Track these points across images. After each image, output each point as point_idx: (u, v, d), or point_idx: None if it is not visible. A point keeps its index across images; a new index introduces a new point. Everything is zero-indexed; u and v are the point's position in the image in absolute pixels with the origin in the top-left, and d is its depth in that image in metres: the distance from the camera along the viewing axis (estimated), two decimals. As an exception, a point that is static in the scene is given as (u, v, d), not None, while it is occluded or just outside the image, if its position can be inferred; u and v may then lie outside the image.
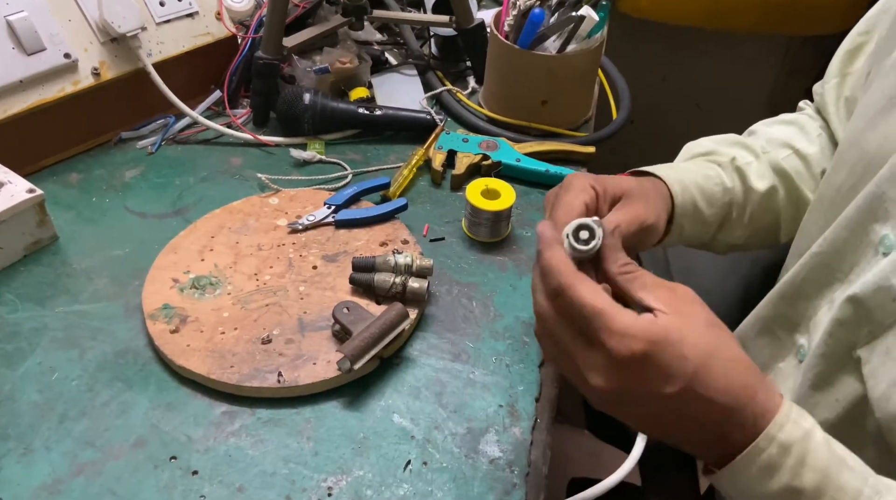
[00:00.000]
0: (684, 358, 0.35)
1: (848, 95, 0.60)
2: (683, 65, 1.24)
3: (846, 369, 0.46)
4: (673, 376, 0.35)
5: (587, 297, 0.36)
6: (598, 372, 0.36)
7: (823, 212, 0.52)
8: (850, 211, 0.46)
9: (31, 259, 0.59)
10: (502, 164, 0.70)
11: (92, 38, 0.67)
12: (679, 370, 0.35)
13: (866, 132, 0.48)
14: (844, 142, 0.52)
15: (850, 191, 0.48)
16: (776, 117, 0.67)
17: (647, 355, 0.35)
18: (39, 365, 0.51)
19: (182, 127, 0.74)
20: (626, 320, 0.36)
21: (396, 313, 0.52)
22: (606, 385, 0.36)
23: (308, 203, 0.65)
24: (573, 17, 0.67)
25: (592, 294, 0.37)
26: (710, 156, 0.60)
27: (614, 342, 0.35)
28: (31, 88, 0.63)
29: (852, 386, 0.45)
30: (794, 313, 0.53)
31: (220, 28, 0.75)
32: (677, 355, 0.35)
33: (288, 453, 0.47)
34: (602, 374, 0.36)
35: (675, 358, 0.35)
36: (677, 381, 0.35)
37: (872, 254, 0.45)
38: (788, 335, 0.54)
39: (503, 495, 0.45)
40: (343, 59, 0.78)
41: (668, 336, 0.35)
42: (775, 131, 0.64)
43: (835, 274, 0.49)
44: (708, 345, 0.36)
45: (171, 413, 0.48)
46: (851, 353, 0.45)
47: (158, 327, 0.53)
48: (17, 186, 0.58)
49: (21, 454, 0.46)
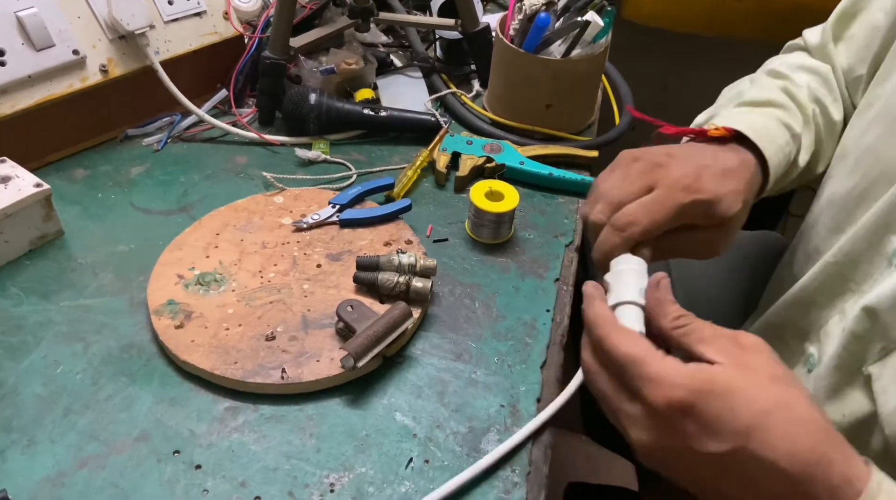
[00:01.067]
0: (734, 412, 0.31)
1: (845, 66, 0.59)
2: (685, 72, 1.25)
3: (855, 383, 0.45)
4: (720, 432, 0.31)
5: (622, 345, 0.34)
6: (638, 426, 0.34)
7: (833, 214, 0.51)
8: (867, 220, 0.46)
9: (37, 253, 0.60)
10: (506, 166, 0.71)
11: (100, 36, 0.67)
12: (728, 426, 0.31)
13: (887, 138, 0.47)
14: (859, 145, 0.51)
15: (861, 195, 0.48)
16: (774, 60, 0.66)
17: (687, 405, 0.32)
18: (44, 359, 0.51)
19: (188, 125, 0.74)
20: (664, 367, 0.33)
21: (400, 312, 0.52)
22: (648, 440, 0.33)
23: (313, 202, 0.65)
24: (578, 21, 0.68)
25: (629, 343, 0.34)
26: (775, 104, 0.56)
27: (648, 390, 0.32)
28: (39, 84, 0.64)
29: (860, 402, 0.44)
30: (805, 321, 0.52)
31: (227, 27, 0.76)
32: (726, 407, 0.31)
33: (290, 449, 0.47)
34: (642, 428, 0.33)
35: (723, 411, 0.31)
36: (725, 438, 0.31)
37: (886, 265, 0.44)
38: (798, 343, 0.53)
39: (504, 494, 0.45)
40: (349, 60, 0.79)
41: (714, 386, 0.32)
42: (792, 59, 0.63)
43: (848, 284, 0.48)
44: (768, 401, 0.32)
45: (174, 408, 0.49)
46: (861, 368, 0.44)
47: (163, 322, 0.53)
48: (24, 181, 0.58)
49: (25, 447, 0.46)
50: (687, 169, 0.47)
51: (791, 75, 0.60)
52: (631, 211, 0.46)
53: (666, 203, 0.46)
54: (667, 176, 0.47)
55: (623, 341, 0.35)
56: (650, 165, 0.48)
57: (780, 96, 0.57)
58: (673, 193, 0.46)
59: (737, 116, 0.55)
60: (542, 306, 0.59)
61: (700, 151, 0.50)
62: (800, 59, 0.64)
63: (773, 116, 0.54)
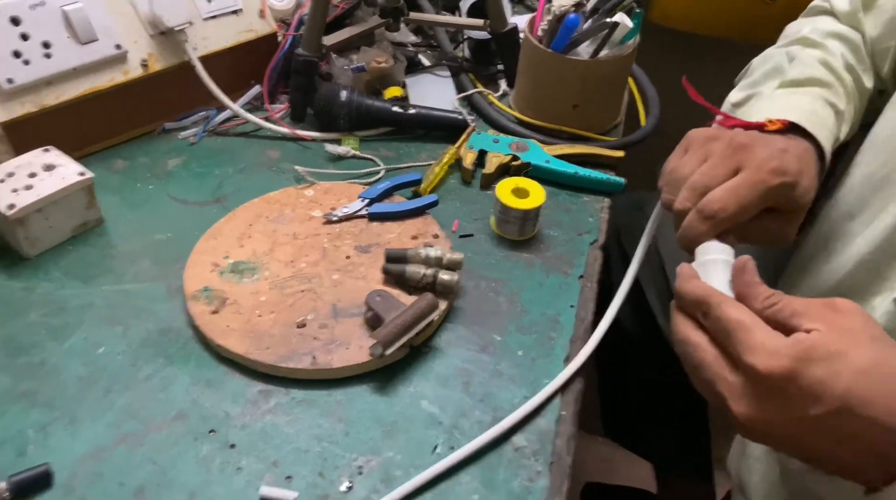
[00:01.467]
0: (836, 375, 0.32)
1: (874, 35, 0.59)
2: (710, 76, 1.25)
3: None
4: (823, 395, 0.32)
5: (733, 312, 0.35)
6: (740, 397, 0.34)
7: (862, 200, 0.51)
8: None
9: (79, 240, 0.62)
10: (532, 165, 0.72)
11: (141, 31, 0.70)
12: (830, 389, 0.32)
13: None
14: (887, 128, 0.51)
15: (883, 180, 0.48)
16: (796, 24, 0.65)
17: (790, 372, 0.32)
18: (85, 340, 0.53)
19: (223, 119, 0.76)
20: (768, 336, 0.33)
21: (427, 303, 0.54)
22: (750, 411, 0.34)
23: (342, 196, 0.67)
24: (607, 23, 0.69)
25: (740, 310, 0.35)
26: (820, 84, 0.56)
27: (752, 359, 0.33)
28: (83, 76, 0.66)
29: None
30: None
31: (262, 25, 0.78)
32: (828, 371, 0.32)
33: (320, 432, 0.48)
34: (744, 399, 0.34)
35: (825, 375, 0.32)
36: (828, 401, 0.32)
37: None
38: None
39: (528, 482, 0.46)
40: (379, 58, 0.80)
41: (814, 353, 0.32)
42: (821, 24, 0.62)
43: (885, 282, 0.47)
44: (866, 360, 0.32)
45: (210, 390, 0.50)
46: None
47: (199, 307, 0.55)
48: (68, 169, 0.60)
49: (67, 424, 0.48)
50: (771, 151, 0.46)
51: (825, 43, 0.59)
52: (719, 197, 0.44)
53: (755, 186, 0.44)
54: (752, 158, 0.45)
55: (734, 308, 0.35)
56: (733, 146, 0.46)
57: (821, 72, 0.56)
58: (761, 176, 0.44)
59: (783, 100, 0.54)
60: (566, 301, 0.59)
61: (769, 136, 0.49)
62: (829, 24, 0.62)
63: (818, 96, 0.53)
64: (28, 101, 0.63)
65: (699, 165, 0.47)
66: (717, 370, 0.36)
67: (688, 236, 0.46)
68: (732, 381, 0.35)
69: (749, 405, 0.34)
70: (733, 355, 0.35)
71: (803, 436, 0.34)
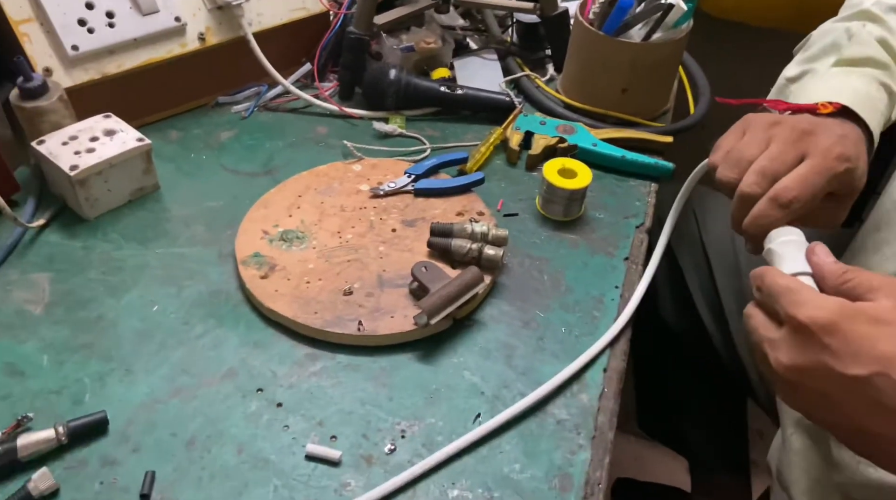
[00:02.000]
0: (879, 339, 0.32)
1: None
2: (760, 68, 1.22)
3: None
4: (861, 355, 0.32)
5: (781, 278, 0.36)
6: (778, 348, 0.34)
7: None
8: None
9: (136, 204, 0.64)
10: (578, 147, 0.72)
11: (200, 5, 0.71)
12: (870, 351, 0.32)
13: None
14: None
15: None
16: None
17: (831, 323, 0.32)
18: (141, 298, 0.55)
19: (274, 95, 0.78)
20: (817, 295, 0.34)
21: (472, 276, 0.54)
22: (787, 361, 0.34)
23: (389, 172, 0.68)
24: (662, 4, 0.68)
25: (789, 278, 0.36)
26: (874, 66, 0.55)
27: (795, 310, 0.33)
28: (143, 47, 0.68)
29: None
30: None
31: (315, 3, 0.79)
32: (872, 333, 0.32)
33: (365, 395, 0.49)
34: (782, 349, 0.34)
35: (868, 335, 0.32)
36: (866, 362, 0.32)
37: None
38: None
39: (569, 454, 0.46)
40: (428, 39, 0.81)
41: (862, 313, 0.32)
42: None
43: None
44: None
45: (258, 350, 0.52)
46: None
47: (249, 272, 0.56)
48: (127, 135, 0.62)
49: (123, 375, 0.50)
50: (834, 137, 0.46)
51: (886, 19, 0.58)
52: (793, 185, 0.45)
53: (823, 173, 0.45)
54: (817, 144, 0.46)
55: (781, 276, 0.36)
56: (797, 131, 0.47)
57: (878, 52, 0.55)
58: (828, 163, 0.45)
59: (837, 80, 0.53)
60: (611, 282, 0.59)
61: (828, 121, 0.49)
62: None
63: (873, 77, 0.53)
64: (91, 68, 0.65)
65: (763, 148, 0.47)
66: (763, 331, 0.36)
67: (761, 224, 0.46)
68: (774, 335, 0.35)
69: (787, 354, 0.34)
70: (780, 313, 0.35)
71: (838, 397, 0.33)
